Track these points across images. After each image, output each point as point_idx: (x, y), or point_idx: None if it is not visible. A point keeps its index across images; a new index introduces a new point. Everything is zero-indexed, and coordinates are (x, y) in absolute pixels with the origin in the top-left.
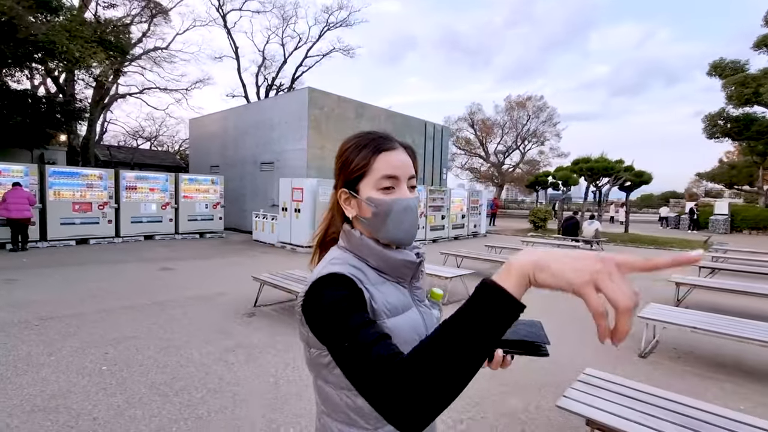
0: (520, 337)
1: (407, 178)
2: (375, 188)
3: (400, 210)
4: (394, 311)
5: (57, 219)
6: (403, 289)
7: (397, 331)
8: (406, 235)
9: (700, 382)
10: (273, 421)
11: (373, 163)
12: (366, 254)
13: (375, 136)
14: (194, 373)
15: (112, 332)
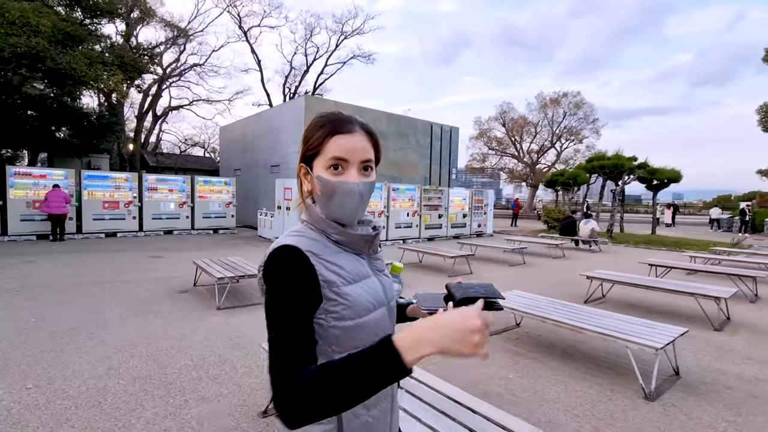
0: (479, 294)
1: (359, 161)
2: (324, 168)
3: (343, 192)
4: (351, 279)
5: (90, 215)
6: (361, 260)
7: (354, 295)
8: (347, 217)
9: (515, 360)
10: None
11: (326, 144)
12: (325, 228)
13: (334, 118)
14: (99, 324)
15: (62, 298)
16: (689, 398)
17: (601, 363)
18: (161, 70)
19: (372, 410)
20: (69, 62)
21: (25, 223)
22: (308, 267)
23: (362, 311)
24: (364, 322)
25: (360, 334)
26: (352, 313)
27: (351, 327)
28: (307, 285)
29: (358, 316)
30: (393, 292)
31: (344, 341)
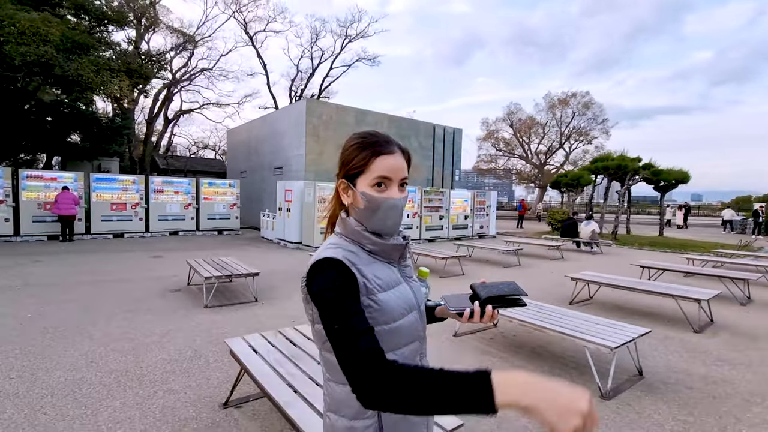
0: (504, 293)
1: (399, 179)
2: (369, 185)
3: (388, 208)
4: (386, 286)
5: (98, 216)
6: (393, 268)
7: (388, 302)
8: (390, 229)
9: (482, 359)
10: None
11: (371, 164)
12: (359, 239)
13: (377, 139)
14: (90, 320)
15: (61, 295)
16: (646, 397)
17: (567, 362)
18: (171, 74)
19: None
20: (76, 69)
21: (36, 224)
22: (350, 275)
23: (396, 316)
24: (398, 327)
25: (394, 338)
26: (387, 318)
27: (385, 331)
28: (352, 286)
29: (392, 321)
30: (422, 296)
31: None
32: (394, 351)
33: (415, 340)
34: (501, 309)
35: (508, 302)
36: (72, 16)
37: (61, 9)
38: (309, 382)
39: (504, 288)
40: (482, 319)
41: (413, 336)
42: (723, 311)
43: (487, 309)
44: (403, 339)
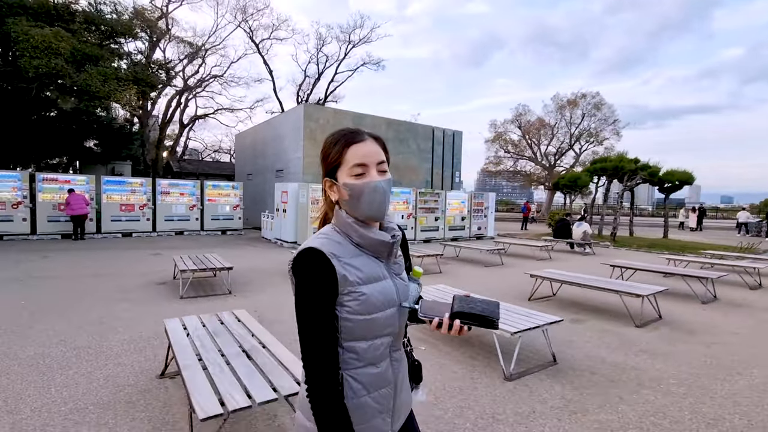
0: (477, 311)
1: (376, 164)
2: (348, 175)
3: (370, 191)
4: (367, 280)
5: (108, 217)
6: (379, 263)
7: (367, 296)
8: (377, 212)
9: (415, 344)
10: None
11: (345, 155)
12: (348, 231)
13: (345, 132)
14: (74, 307)
15: (58, 286)
16: (547, 380)
17: (490, 349)
18: (182, 81)
19: (372, 393)
20: (85, 80)
21: (51, 223)
22: (329, 267)
23: (372, 309)
24: (373, 319)
25: (369, 328)
26: (363, 309)
27: (361, 321)
28: (328, 282)
29: (368, 313)
30: (408, 294)
31: (353, 332)
32: (366, 340)
33: (388, 334)
34: (471, 325)
35: (479, 321)
36: (84, 30)
37: (73, 24)
38: (217, 352)
39: (480, 306)
40: (449, 331)
41: (387, 330)
42: (679, 308)
43: (455, 323)
44: (376, 331)
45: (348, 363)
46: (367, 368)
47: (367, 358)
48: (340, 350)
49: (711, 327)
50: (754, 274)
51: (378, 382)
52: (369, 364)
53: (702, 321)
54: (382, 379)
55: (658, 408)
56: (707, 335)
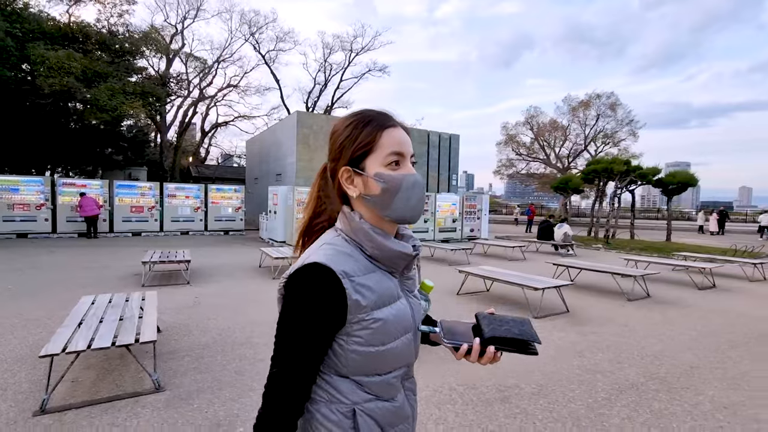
0: (512, 335)
1: (410, 155)
2: (382, 165)
3: (409, 186)
4: (381, 303)
5: (120, 217)
6: (393, 279)
7: (381, 323)
8: (413, 212)
9: None
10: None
11: (380, 139)
12: (361, 239)
13: (377, 113)
14: (50, 292)
15: (50, 276)
16: None
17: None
18: (198, 92)
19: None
20: (93, 95)
21: (69, 223)
22: (338, 290)
23: (387, 338)
24: (388, 350)
25: (383, 362)
26: (377, 340)
27: (373, 354)
28: (334, 310)
29: (382, 344)
30: (421, 314)
31: (362, 366)
32: (380, 375)
33: (404, 365)
34: (505, 351)
35: (516, 346)
36: (96, 49)
37: (87, 44)
38: (98, 318)
39: (514, 327)
40: (480, 359)
41: (403, 361)
42: (595, 303)
43: (489, 350)
44: (392, 363)
45: (357, 395)
46: (382, 403)
47: (381, 393)
48: (346, 381)
49: (610, 320)
50: (707, 274)
51: (395, 419)
52: (385, 399)
53: (608, 315)
54: (398, 415)
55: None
56: (598, 326)
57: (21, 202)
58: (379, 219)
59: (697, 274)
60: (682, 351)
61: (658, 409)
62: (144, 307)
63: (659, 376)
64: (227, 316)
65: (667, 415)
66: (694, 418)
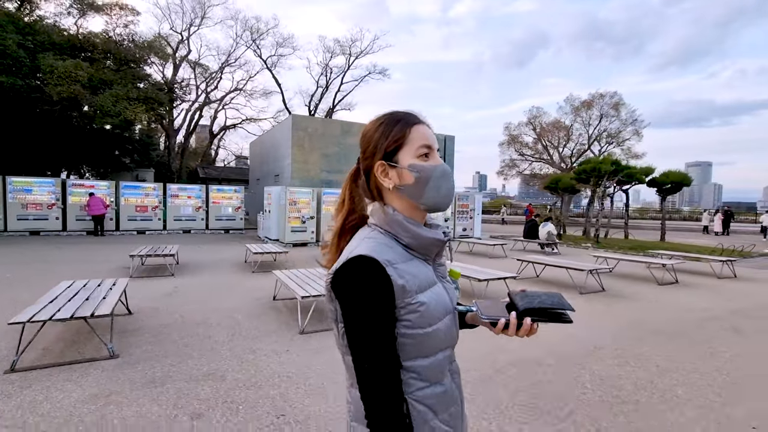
0: (546, 305)
1: (437, 149)
2: (414, 157)
3: (440, 175)
4: (422, 287)
5: (126, 216)
6: (428, 266)
7: (425, 306)
8: (445, 200)
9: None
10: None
11: (410, 134)
12: (396, 230)
13: (405, 112)
14: (39, 281)
15: (48, 268)
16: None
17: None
18: (205, 96)
19: (441, 415)
20: (98, 101)
21: (78, 222)
22: (385, 278)
23: (432, 319)
24: (434, 331)
25: (430, 343)
26: (423, 322)
27: (421, 335)
28: (385, 295)
29: (429, 325)
30: (456, 298)
31: (414, 350)
32: (428, 356)
33: (449, 345)
34: (542, 323)
35: (550, 316)
36: (101, 58)
37: (93, 53)
38: (68, 298)
39: (547, 300)
40: (518, 332)
41: (448, 341)
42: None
43: (525, 322)
44: (438, 344)
45: (409, 385)
46: (432, 388)
47: (430, 377)
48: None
49: None
50: (670, 270)
51: (445, 402)
52: (433, 383)
53: None
54: (449, 398)
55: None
56: None
57: (34, 202)
58: (412, 209)
59: (659, 270)
60: (601, 336)
61: (538, 381)
62: (111, 289)
63: (561, 354)
64: (196, 302)
65: (544, 383)
66: (566, 386)
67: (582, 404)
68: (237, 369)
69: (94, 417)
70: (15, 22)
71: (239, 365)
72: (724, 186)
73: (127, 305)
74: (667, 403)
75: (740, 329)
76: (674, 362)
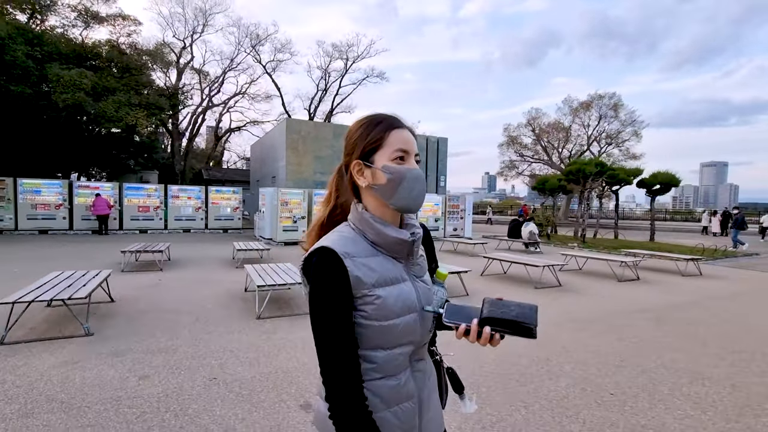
0: (510, 317)
1: (414, 154)
2: (389, 159)
3: (412, 178)
4: (383, 282)
5: (129, 216)
6: (397, 264)
7: (382, 299)
8: (414, 203)
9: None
10: None
11: (388, 137)
12: (364, 228)
13: (387, 116)
14: (35, 272)
15: (51, 263)
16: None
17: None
18: (208, 100)
19: (392, 407)
20: (101, 107)
21: (84, 221)
22: (340, 267)
23: (390, 314)
24: (390, 326)
25: (387, 336)
26: (380, 315)
27: (376, 327)
28: (341, 284)
29: (385, 319)
30: (431, 298)
31: (370, 340)
32: (383, 349)
33: (409, 343)
34: (504, 333)
35: (513, 328)
36: (105, 66)
37: (98, 61)
38: (54, 285)
39: (514, 311)
40: (479, 340)
41: (407, 339)
42: (507, 290)
43: (484, 331)
44: (394, 339)
45: (364, 373)
46: (385, 380)
47: (385, 369)
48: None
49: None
50: (632, 267)
51: (398, 396)
52: (387, 375)
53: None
54: (402, 393)
55: None
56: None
57: (42, 203)
58: (384, 208)
59: (622, 267)
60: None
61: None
62: (94, 277)
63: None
64: (174, 293)
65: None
66: (472, 362)
67: (482, 378)
68: (189, 345)
69: (61, 377)
70: (24, 34)
71: (193, 342)
72: (741, 186)
73: (110, 294)
74: (550, 375)
75: (663, 320)
76: (579, 345)
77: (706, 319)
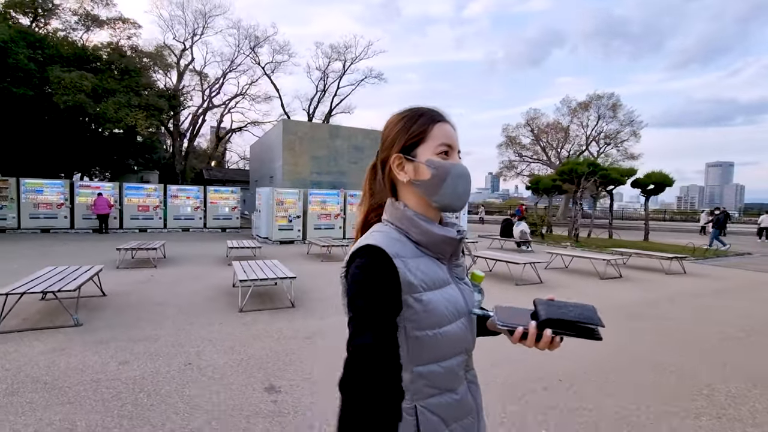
0: (571, 318)
1: (457, 150)
2: (433, 153)
3: (457, 175)
4: (431, 285)
5: (128, 216)
6: (441, 266)
7: (434, 305)
8: (459, 201)
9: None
10: None
11: (431, 131)
12: (407, 226)
13: (429, 108)
14: (31, 266)
15: (48, 260)
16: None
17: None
18: (209, 101)
19: (452, 425)
20: (101, 109)
21: (85, 220)
22: (392, 269)
23: (442, 321)
24: (444, 333)
25: (438, 346)
26: (431, 323)
27: (430, 337)
28: (390, 287)
29: (437, 326)
30: (473, 302)
31: (424, 352)
32: (438, 362)
33: (461, 352)
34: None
35: (577, 331)
36: (106, 69)
37: (99, 64)
38: (50, 278)
39: (573, 312)
40: (537, 344)
41: (460, 347)
42: (488, 286)
43: (545, 333)
44: (448, 349)
45: (420, 392)
46: (444, 396)
47: (444, 384)
48: (407, 374)
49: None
50: (614, 265)
51: (459, 412)
52: (446, 390)
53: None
54: (463, 408)
55: None
56: None
57: (44, 202)
58: (426, 206)
59: (606, 265)
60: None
61: None
62: (86, 271)
63: None
64: (164, 288)
65: None
66: None
67: None
68: (171, 334)
69: (47, 362)
70: (26, 37)
71: (174, 332)
72: (747, 186)
73: (101, 288)
74: (498, 364)
75: (637, 315)
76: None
77: (677, 314)
